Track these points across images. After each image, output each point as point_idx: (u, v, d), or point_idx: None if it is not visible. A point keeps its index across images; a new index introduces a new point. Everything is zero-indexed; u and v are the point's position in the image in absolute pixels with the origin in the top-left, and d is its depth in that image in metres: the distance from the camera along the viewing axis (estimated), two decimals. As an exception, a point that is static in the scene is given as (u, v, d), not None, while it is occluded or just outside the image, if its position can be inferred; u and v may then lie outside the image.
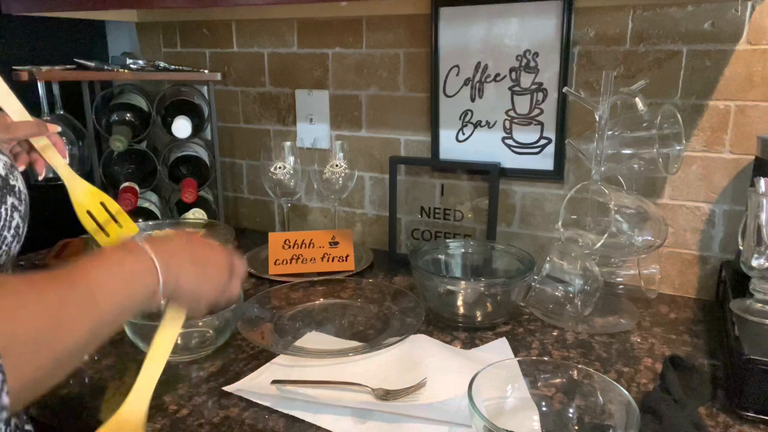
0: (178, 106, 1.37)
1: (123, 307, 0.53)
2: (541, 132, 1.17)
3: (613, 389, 0.66)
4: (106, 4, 1.21)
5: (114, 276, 0.53)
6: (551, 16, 1.10)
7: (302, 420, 0.73)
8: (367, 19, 1.29)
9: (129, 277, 0.55)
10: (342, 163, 1.26)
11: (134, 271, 0.55)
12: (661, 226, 0.96)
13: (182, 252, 0.62)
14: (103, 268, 0.53)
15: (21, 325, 0.43)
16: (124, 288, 0.53)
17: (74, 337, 0.47)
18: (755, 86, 1.00)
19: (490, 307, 1.00)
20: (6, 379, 0.40)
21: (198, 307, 0.66)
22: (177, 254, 0.61)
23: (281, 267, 1.22)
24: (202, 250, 0.66)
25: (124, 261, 0.55)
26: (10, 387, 0.41)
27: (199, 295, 0.65)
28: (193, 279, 0.62)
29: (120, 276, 0.54)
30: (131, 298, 0.54)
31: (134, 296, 0.55)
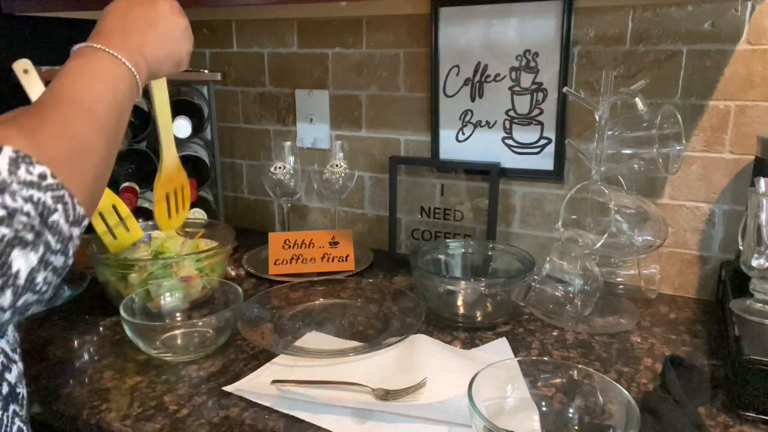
0: (178, 106, 1.37)
1: (118, 110, 0.58)
2: (541, 132, 1.17)
3: (613, 389, 0.66)
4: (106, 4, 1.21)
5: (101, 87, 0.57)
6: (551, 16, 1.10)
7: (302, 420, 0.73)
8: (367, 19, 1.29)
9: (113, 84, 0.59)
10: (342, 163, 1.26)
11: (115, 78, 0.59)
12: (661, 226, 0.96)
13: (139, 30, 0.66)
14: (88, 82, 0.56)
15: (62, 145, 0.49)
16: (113, 95, 0.58)
17: (95, 143, 0.53)
18: (755, 86, 1.00)
19: (490, 307, 1.00)
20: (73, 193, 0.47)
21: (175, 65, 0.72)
22: (136, 37, 0.64)
23: (281, 267, 1.22)
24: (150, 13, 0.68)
25: (101, 71, 0.59)
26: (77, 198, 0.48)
27: (170, 61, 0.70)
28: (161, 55, 0.67)
29: (104, 85, 0.57)
30: (121, 100, 0.59)
31: (122, 97, 0.59)
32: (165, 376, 0.84)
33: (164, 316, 0.97)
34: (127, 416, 0.75)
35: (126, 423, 0.73)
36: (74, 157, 0.50)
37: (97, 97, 0.55)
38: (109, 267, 1.00)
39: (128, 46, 0.62)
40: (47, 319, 1.02)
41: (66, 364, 0.88)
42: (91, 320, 1.02)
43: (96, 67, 0.58)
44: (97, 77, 0.57)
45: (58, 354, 0.91)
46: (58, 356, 0.90)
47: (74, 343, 0.95)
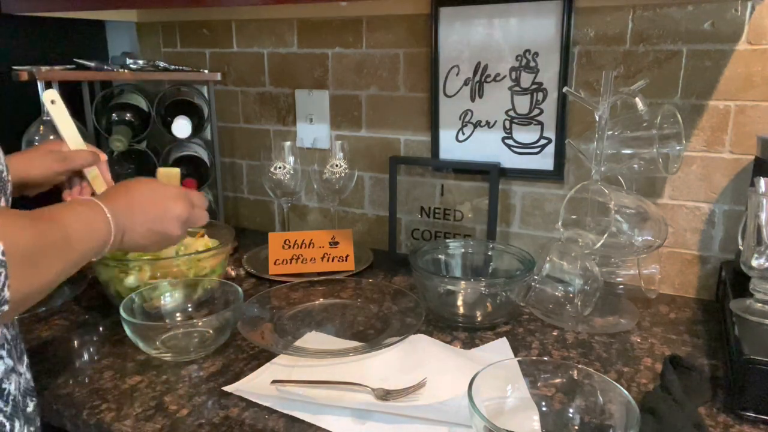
0: (177, 106, 1.37)
1: (82, 256, 0.62)
2: (541, 132, 1.17)
3: (613, 389, 0.66)
4: (106, 4, 1.21)
5: (83, 226, 0.63)
6: (551, 16, 1.10)
7: (302, 420, 0.73)
8: (367, 19, 1.29)
9: (93, 229, 0.64)
10: (342, 163, 1.26)
11: (96, 229, 0.65)
12: (661, 226, 0.96)
13: (135, 211, 0.71)
14: (74, 221, 0.61)
15: (21, 241, 0.52)
16: (89, 238, 0.63)
17: (54, 268, 0.57)
18: (755, 86, 1.00)
19: (490, 307, 1.00)
20: (9, 275, 0.50)
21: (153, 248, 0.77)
22: (128, 214, 0.70)
23: (281, 267, 1.22)
24: (156, 205, 0.74)
25: (89, 218, 0.64)
26: (12, 291, 0.50)
27: (146, 246, 0.75)
28: (140, 239, 0.72)
29: (86, 230, 0.63)
30: (92, 247, 0.64)
31: (92, 249, 0.64)
32: (165, 376, 0.84)
33: (164, 316, 0.97)
34: (127, 416, 0.75)
35: (126, 423, 0.73)
36: (33, 260, 0.53)
37: (80, 239, 0.61)
38: (109, 267, 1.00)
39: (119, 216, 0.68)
40: (47, 319, 1.02)
41: (66, 364, 0.88)
42: (91, 320, 1.02)
43: (88, 213, 0.64)
44: (84, 218, 0.63)
45: (58, 354, 0.91)
46: (58, 356, 0.90)
47: (74, 343, 0.95)
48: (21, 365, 0.64)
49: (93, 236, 0.64)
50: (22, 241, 0.52)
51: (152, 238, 0.74)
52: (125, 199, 0.71)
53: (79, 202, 0.66)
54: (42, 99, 0.87)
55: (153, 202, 0.74)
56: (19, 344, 0.65)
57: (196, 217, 0.80)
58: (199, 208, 0.80)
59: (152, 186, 0.76)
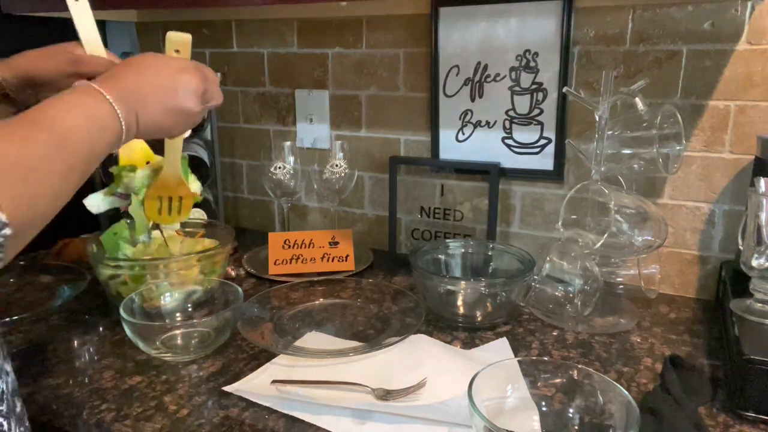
0: (178, 106, 1.37)
1: (95, 147, 0.56)
2: (541, 132, 1.17)
3: (613, 389, 0.66)
4: (106, 4, 1.21)
5: (81, 118, 0.55)
6: (551, 16, 1.10)
7: (302, 420, 0.73)
8: (367, 19, 1.29)
9: (94, 117, 0.57)
10: (342, 163, 1.26)
11: (98, 113, 0.57)
12: (661, 226, 0.96)
13: (144, 88, 0.63)
14: (69, 115, 0.55)
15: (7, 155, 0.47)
16: (92, 130, 0.56)
17: (53, 174, 0.51)
18: (755, 86, 1.00)
19: (490, 307, 1.00)
20: None
21: (177, 130, 0.70)
22: (137, 92, 0.62)
23: (281, 267, 1.22)
24: (167, 77, 0.66)
25: (86, 103, 0.57)
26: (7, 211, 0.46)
27: (169, 128, 0.68)
28: (157, 117, 0.64)
29: (86, 118, 0.56)
30: (101, 140, 0.57)
31: (103, 137, 0.57)
32: (165, 376, 0.84)
33: (164, 316, 0.97)
34: (127, 416, 0.75)
35: (126, 423, 0.73)
36: (17, 173, 0.48)
37: (79, 134, 0.54)
38: (109, 267, 1.00)
39: (128, 102, 0.61)
40: (47, 319, 1.02)
41: (66, 364, 0.88)
42: (91, 320, 1.02)
43: (83, 101, 0.57)
44: (78, 110, 0.56)
45: (58, 354, 0.91)
46: (58, 356, 0.90)
47: (74, 343, 0.95)
48: (7, 364, 0.63)
49: (96, 127, 0.57)
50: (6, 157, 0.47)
51: (171, 117, 0.66)
52: (131, 77, 0.63)
53: (72, 90, 0.58)
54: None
55: (163, 76, 0.66)
56: (3, 344, 0.63)
57: (212, 93, 0.72)
58: (213, 83, 0.73)
59: (159, 59, 0.68)
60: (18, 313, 1.02)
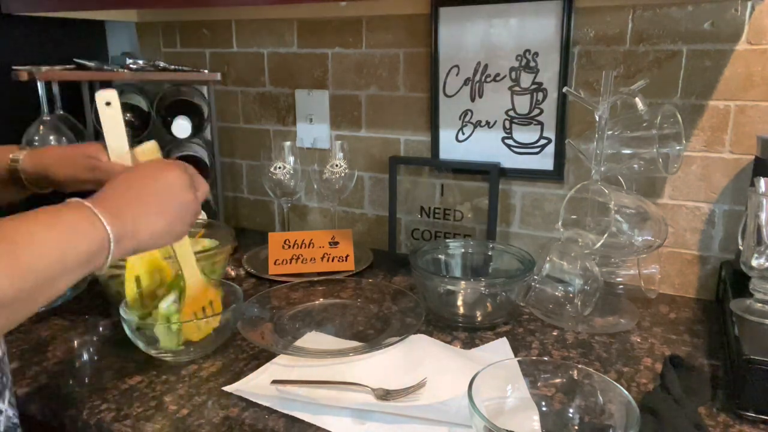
0: (177, 106, 1.37)
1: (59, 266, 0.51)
2: (541, 132, 1.17)
3: (613, 389, 0.66)
4: (106, 4, 1.21)
5: (47, 235, 0.51)
6: (551, 16, 1.10)
7: (302, 420, 0.73)
8: (367, 19, 1.29)
9: (79, 245, 0.53)
10: (342, 163, 1.26)
11: (86, 240, 0.54)
12: (661, 226, 0.96)
13: (139, 198, 0.62)
14: (37, 226, 0.51)
15: None
16: (57, 248, 0.51)
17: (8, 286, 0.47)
18: (755, 86, 1.00)
19: (490, 307, 1.00)
20: None
21: (174, 239, 0.68)
22: (132, 204, 0.61)
23: (281, 267, 1.22)
24: (153, 180, 0.65)
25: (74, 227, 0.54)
26: None
27: (171, 226, 0.65)
28: (152, 225, 0.62)
29: (56, 237, 0.52)
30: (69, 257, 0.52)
31: (72, 255, 0.53)
32: (165, 376, 0.84)
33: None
34: (127, 416, 0.75)
35: (126, 423, 0.73)
36: None
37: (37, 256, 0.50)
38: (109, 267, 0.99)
39: (118, 213, 0.58)
40: (47, 319, 1.02)
41: (66, 364, 0.88)
42: (91, 320, 1.02)
43: (71, 221, 0.54)
44: (64, 230, 0.53)
45: (58, 354, 0.91)
46: (58, 356, 0.90)
47: (74, 343, 0.95)
48: (2, 402, 0.60)
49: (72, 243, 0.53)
50: None
51: (170, 215, 0.65)
52: (121, 190, 0.62)
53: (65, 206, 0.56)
54: (96, 102, 0.78)
55: (149, 179, 0.65)
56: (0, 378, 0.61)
57: (198, 181, 0.72)
58: (194, 172, 0.72)
59: (138, 169, 0.68)
60: (18, 313, 1.02)
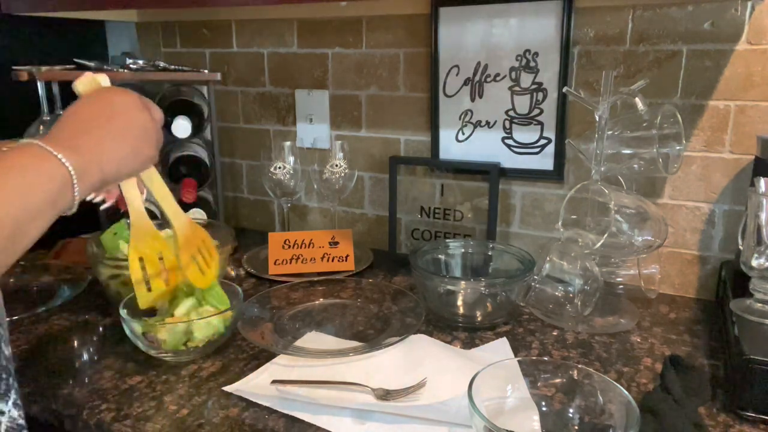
0: (177, 106, 1.37)
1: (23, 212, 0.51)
2: (541, 132, 1.17)
3: (613, 389, 0.66)
4: (106, 4, 1.21)
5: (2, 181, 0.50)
6: (551, 16, 1.10)
7: (302, 420, 0.73)
8: (367, 19, 1.29)
9: (24, 180, 0.51)
10: (342, 163, 1.26)
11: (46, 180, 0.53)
12: (661, 226, 0.96)
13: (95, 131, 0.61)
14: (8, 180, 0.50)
15: None
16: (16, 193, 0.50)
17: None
18: (755, 86, 1.00)
19: (490, 307, 1.00)
20: None
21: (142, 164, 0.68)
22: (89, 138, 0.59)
23: (281, 267, 1.22)
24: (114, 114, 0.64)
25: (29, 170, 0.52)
26: None
27: (135, 160, 0.66)
28: (120, 155, 0.62)
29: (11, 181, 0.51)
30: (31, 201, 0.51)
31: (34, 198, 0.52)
32: (165, 376, 0.84)
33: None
34: (127, 416, 0.75)
35: (126, 423, 0.73)
36: None
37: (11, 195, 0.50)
38: (109, 267, 1.00)
39: (74, 146, 0.57)
40: (47, 319, 1.02)
41: (66, 364, 0.88)
42: (91, 320, 1.02)
43: (26, 163, 0.53)
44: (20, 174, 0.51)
45: (58, 354, 0.91)
46: (58, 356, 0.90)
47: (74, 343, 0.95)
48: (5, 403, 0.59)
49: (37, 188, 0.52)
50: None
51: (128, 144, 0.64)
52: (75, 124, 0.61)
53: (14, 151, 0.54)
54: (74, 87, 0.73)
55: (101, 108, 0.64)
56: (6, 379, 0.59)
57: (151, 104, 0.72)
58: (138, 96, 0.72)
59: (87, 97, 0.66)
60: (18, 313, 1.02)
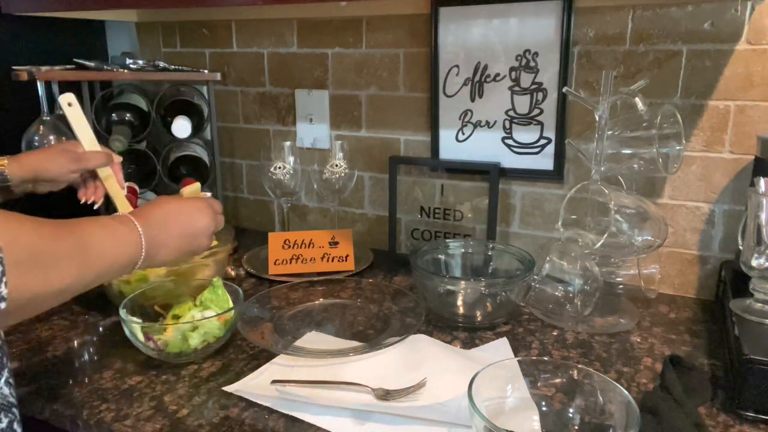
0: (177, 106, 1.37)
1: (106, 269, 0.62)
2: (541, 132, 1.17)
3: (613, 389, 0.66)
4: (106, 4, 1.21)
5: (106, 240, 0.62)
6: (551, 16, 1.10)
7: (302, 420, 0.73)
8: (367, 19, 1.29)
9: (118, 246, 0.64)
10: (342, 163, 1.26)
11: (124, 242, 0.65)
12: (661, 226, 0.96)
13: (169, 226, 0.73)
14: (98, 231, 0.62)
15: (24, 240, 0.52)
16: (112, 253, 0.63)
17: (66, 273, 0.56)
18: (755, 86, 1.00)
19: (490, 307, 1.00)
20: (5, 272, 0.48)
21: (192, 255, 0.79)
22: (163, 230, 0.72)
23: (281, 267, 1.22)
24: (188, 221, 0.76)
25: (117, 231, 0.65)
26: (12, 290, 0.49)
27: (179, 261, 0.79)
28: (173, 253, 0.74)
29: (111, 242, 0.63)
30: (115, 264, 0.64)
31: (117, 263, 0.64)
32: (165, 376, 0.84)
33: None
34: (127, 416, 0.75)
35: (126, 423, 0.73)
36: (39, 261, 0.53)
37: (102, 250, 0.61)
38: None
39: (152, 229, 0.69)
40: (47, 319, 1.02)
41: (66, 364, 0.88)
42: (91, 320, 1.03)
43: (115, 226, 0.65)
44: (108, 231, 0.64)
45: (58, 354, 0.91)
46: (58, 356, 0.90)
47: (74, 343, 0.95)
48: None
49: (119, 249, 0.64)
50: (25, 240, 0.52)
51: (182, 252, 0.76)
52: (159, 214, 0.73)
53: (112, 217, 0.67)
54: (58, 101, 0.92)
55: (184, 217, 0.76)
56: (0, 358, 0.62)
57: (219, 223, 0.82)
58: (220, 214, 0.83)
59: (180, 201, 0.78)
60: (18, 313, 1.02)
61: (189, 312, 0.90)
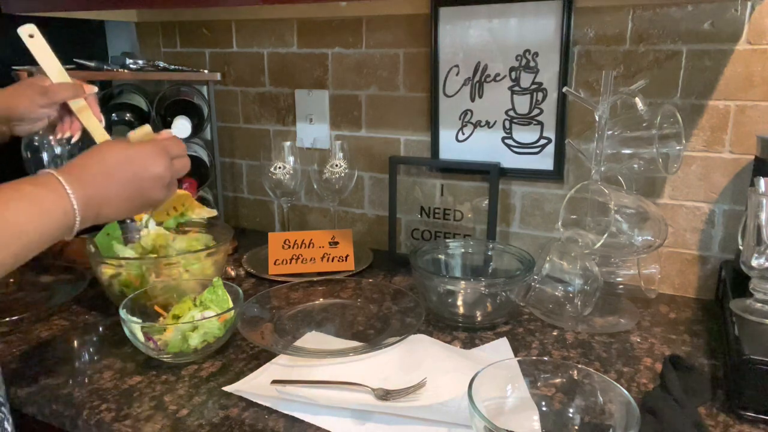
0: (177, 106, 1.37)
1: (29, 245, 0.57)
2: (541, 132, 1.17)
3: (613, 389, 0.66)
4: (106, 4, 1.21)
5: (26, 213, 0.56)
6: (551, 16, 1.10)
7: (302, 420, 0.73)
8: (367, 19, 1.29)
9: (42, 217, 0.57)
10: (342, 163, 1.26)
11: (49, 212, 0.58)
12: (661, 226, 0.96)
13: (111, 179, 0.65)
14: (14, 205, 0.55)
15: None
16: (35, 227, 0.56)
17: None
18: (755, 86, 1.00)
19: (490, 307, 1.00)
20: None
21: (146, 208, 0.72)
22: (103, 186, 0.64)
23: (281, 267, 1.22)
24: (135, 169, 0.67)
25: (40, 200, 0.58)
26: None
27: (131, 214, 0.70)
28: (119, 209, 0.66)
29: (33, 214, 0.56)
30: (42, 238, 0.58)
31: (45, 235, 0.58)
32: (165, 376, 0.84)
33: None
34: (127, 416, 0.75)
35: (126, 423, 0.73)
36: None
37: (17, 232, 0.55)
38: (111, 266, 1.00)
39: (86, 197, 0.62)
40: (47, 319, 1.02)
41: (66, 364, 0.88)
42: (91, 320, 1.03)
43: (47, 202, 0.58)
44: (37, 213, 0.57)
45: (58, 354, 0.91)
46: (58, 356, 0.90)
47: (74, 343, 0.95)
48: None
49: (44, 220, 0.57)
50: None
51: (133, 206, 0.68)
52: (98, 167, 0.65)
53: (35, 180, 0.59)
54: (22, 38, 0.84)
55: (129, 165, 0.67)
56: None
57: (178, 169, 0.73)
58: (179, 158, 0.73)
59: (125, 147, 0.69)
60: (18, 313, 1.02)
61: (189, 312, 0.90)
